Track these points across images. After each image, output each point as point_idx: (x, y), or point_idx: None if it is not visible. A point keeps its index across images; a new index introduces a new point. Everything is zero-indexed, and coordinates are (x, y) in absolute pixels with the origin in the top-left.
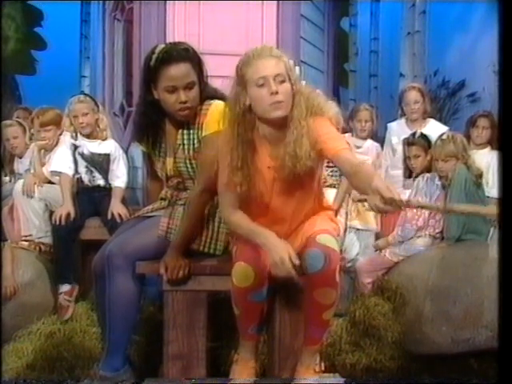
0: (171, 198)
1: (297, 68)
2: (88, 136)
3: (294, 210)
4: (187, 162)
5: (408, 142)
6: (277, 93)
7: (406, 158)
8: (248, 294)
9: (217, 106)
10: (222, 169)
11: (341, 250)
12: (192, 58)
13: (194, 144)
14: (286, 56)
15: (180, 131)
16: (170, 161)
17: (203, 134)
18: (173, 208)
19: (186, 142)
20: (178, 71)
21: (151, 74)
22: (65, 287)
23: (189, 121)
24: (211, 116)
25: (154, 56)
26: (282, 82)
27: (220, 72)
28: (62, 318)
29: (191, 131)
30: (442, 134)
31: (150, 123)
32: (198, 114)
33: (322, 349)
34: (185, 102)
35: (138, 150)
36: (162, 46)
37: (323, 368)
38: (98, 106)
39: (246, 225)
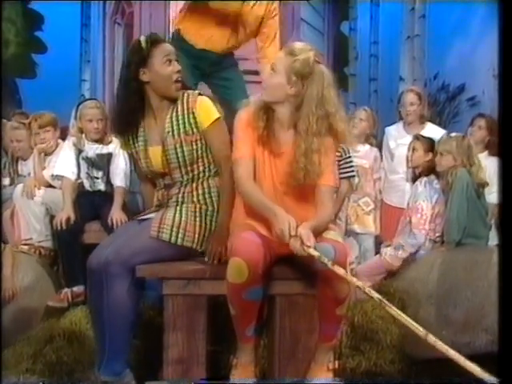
0: (162, 199)
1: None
2: (96, 141)
3: (296, 206)
4: (177, 147)
5: (414, 136)
6: (264, 79)
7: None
8: (242, 292)
9: (203, 99)
10: (239, 142)
11: None
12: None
13: (184, 128)
14: (304, 56)
15: (168, 119)
16: (157, 150)
17: (206, 125)
18: (165, 208)
19: (175, 127)
20: (170, 47)
21: (143, 55)
22: (76, 289)
23: (176, 108)
24: (206, 107)
25: (143, 40)
26: (274, 73)
27: None
28: (53, 302)
29: (180, 117)
30: (451, 133)
31: (132, 110)
32: (185, 101)
33: (335, 346)
34: (178, 72)
35: None
36: (143, 36)
37: (337, 366)
38: (106, 113)
39: (258, 196)
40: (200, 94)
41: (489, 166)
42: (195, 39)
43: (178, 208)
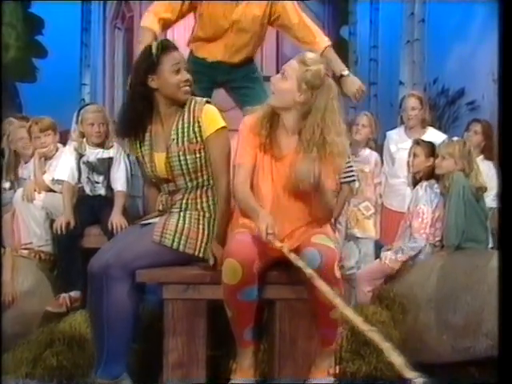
0: (166, 203)
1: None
2: (97, 145)
3: (295, 209)
4: (180, 155)
5: (415, 141)
6: (273, 84)
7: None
8: (237, 293)
9: (210, 107)
10: (241, 148)
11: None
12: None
13: (188, 136)
14: (316, 68)
15: (174, 127)
16: (161, 157)
17: (208, 133)
18: (168, 214)
19: (180, 135)
20: (180, 55)
21: (152, 62)
22: (74, 293)
23: (183, 116)
24: (212, 115)
25: (154, 47)
26: (285, 79)
27: None
28: (51, 307)
29: (185, 126)
30: (451, 137)
31: (139, 115)
32: (192, 109)
33: (335, 351)
34: (187, 81)
35: None
36: (155, 42)
37: (337, 371)
38: (107, 117)
39: (249, 201)
40: (207, 102)
41: (484, 170)
42: (206, 54)
43: (182, 214)
